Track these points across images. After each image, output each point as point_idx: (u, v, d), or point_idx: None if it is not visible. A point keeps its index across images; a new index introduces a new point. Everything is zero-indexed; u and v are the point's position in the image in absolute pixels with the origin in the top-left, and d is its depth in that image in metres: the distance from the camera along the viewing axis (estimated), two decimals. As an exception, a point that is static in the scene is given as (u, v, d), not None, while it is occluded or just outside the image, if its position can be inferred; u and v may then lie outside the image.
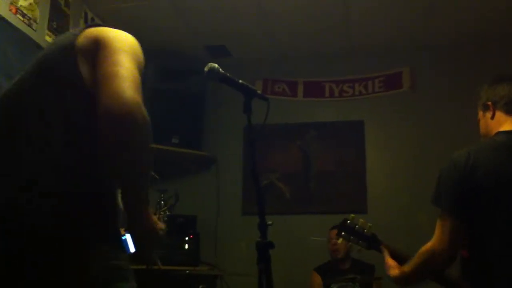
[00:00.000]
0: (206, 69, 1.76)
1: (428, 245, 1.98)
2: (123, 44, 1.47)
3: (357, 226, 2.38)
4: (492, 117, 2.11)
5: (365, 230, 2.37)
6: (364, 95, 5.01)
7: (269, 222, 1.57)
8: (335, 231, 2.65)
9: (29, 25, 3.40)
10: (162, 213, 3.18)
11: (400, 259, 2.18)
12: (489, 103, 2.13)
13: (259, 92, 1.82)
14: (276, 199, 4.96)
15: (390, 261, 2.21)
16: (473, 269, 1.94)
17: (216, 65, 1.76)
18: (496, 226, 1.86)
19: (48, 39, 3.59)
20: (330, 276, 3.95)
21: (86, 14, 4.18)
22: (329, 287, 3.86)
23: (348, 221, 2.41)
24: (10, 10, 3.24)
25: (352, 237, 2.38)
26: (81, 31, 1.53)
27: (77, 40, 1.49)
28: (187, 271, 4.19)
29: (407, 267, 2.09)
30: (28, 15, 3.39)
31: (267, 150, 5.02)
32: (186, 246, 4.38)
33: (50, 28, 3.63)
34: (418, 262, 2.03)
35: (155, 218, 1.47)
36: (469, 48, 4.81)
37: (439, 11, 4.29)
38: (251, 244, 1.59)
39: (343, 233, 2.40)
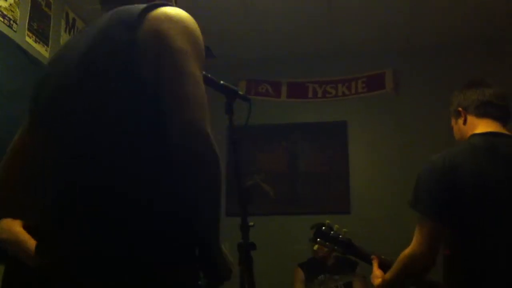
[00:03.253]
0: None
1: (407, 250, 1.96)
2: (188, 40, 1.28)
3: (332, 232, 2.38)
4: (465, 123, 2.12)
5: (341, 236, 2.37)
6: (347, 96, 5.03)
7: (251, 223, 1.57)
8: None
9: (9, 26, 3.36)
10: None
11: (388, 269, 2.14)
12: (460, 109, 2.14)
13: (241, 93, 1.81)
14: (260, 200, 4.96)
15: (377, 272, 2.21)
16: (456, 268, 1.94)
17: None
18: (477, 226, 1.86)
19: (29, 40, 3.56)
20: (313, 273, 3.95)
21: (67, 14, 4.15)
22: (312, 284, 3.87)
23: (323, 227, 2.41)
24: (-10, 10, 3.20)
25: (327, 242, 2.38)
26: (141, 17, 1.28)
27: (139, 34, 1.25)
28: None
29: (388, 274, 2.08)
30: (8, 16, 3.35)
31: (251, 151, 5.02)
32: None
33: (30, 29, 3.59)
34: (398, 268, 2.01)
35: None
36: (451, 51, 4.85)
37: (422, 14, 4.32)
38: (234, 245, 1.58)
39: (318, 239, 2.40)
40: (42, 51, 3.71)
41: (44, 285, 1.18)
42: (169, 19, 1.28)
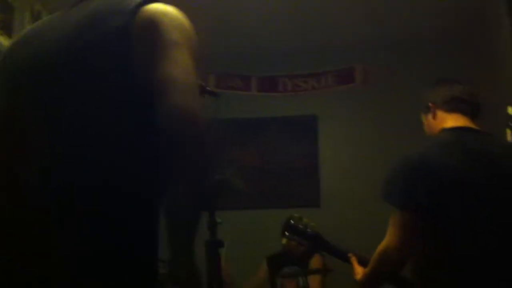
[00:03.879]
0: None
1: (382, 244, 1.97)
2: (181, 34, 1.30)
3: (300, 226, 2.37)
4: (434, 117, 2.16)
5: (309, 230, 2.36)
6: (317, 90, 5.04)
7: (219, 220, 1.55)
8: None
9: (-29, 18, 3.27)
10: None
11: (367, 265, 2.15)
12: (430, 104, 2.19)
13: (208, 88, 1.79)
14: (231, 195, 4.94)
15: (358, 269, 2.21)
16: (425, 261, 1.95)
17: None
18: (448, 219, 1.88)
19: (-8, 32, 3.46)
20: (279, 266, 3.93)
21: (33, 6, 4.05)
22: (277, 275, 3.86)
23: (292, 221, 2.41)
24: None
25: (296, 236, 2.38)
26: (137, 8, 1.27)
27: (134, 21, 1.24)
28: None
29: (366, 270, 2.09)
30: (-30, 7, 3.25)
31: (222, 145, 5.00)
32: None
33: (-7, 21, 3.50)
34: (374, 262, 2.02)
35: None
36: (420, 45, 4.89)
37: (389, 8, 4.34)
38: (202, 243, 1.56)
39: (286, 233, 2.39)
40: (5, 43, 3.62)
41: (44, 285, 1.15)
42: (165, 13, 1.30)
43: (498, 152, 2.00)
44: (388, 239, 1.95)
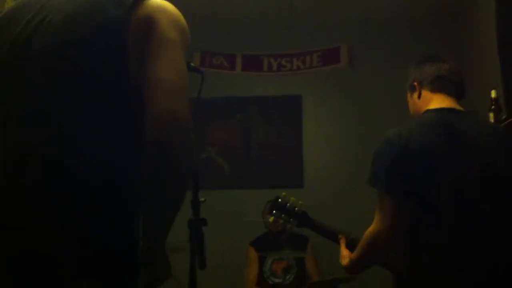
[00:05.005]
0: None
1: (370, 228, 1.95)
2: (176, 32, 1.29)
3: (288, 204, 2.37)
4: (419, 97, 2.12)
5: (296, 208, 2.37)
6: (302, 70, 5.02)
7: (202, 199, 1.53)
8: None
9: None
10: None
11: (355, 246, 2.13)
12: (415, 83, 2.14)
13: (192, 64, 1.75)
14: (214, 174, 4.93)
15: (344, 252, 2.21)
16: (418, 244, 1.93)
17: None
18: (433, 202, 1.87)
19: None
20: (265, 249, 3.97)
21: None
22: (265, 260, 3.89)
23: (280, 199, 2.40)
24: None
25: (283, 215, 2.38)
26: (137, 2, 1.27)
27: (132, 16, 1.24)
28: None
29: (354, 254, 2.08)
30: None
31: (206, 124, 4.97)
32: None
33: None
34: (362, 247, 2.00)
35: None
36: (406, 25, 4.89)
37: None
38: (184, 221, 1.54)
39: (274, 211, 2.39)
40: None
41: (45, 285, 1.13)
42: (163, 9, 1.31)
43: (482, 133, 1.98)
44: (375, 223, 1.93)
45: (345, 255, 2.18)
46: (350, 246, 2.20)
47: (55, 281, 1.12)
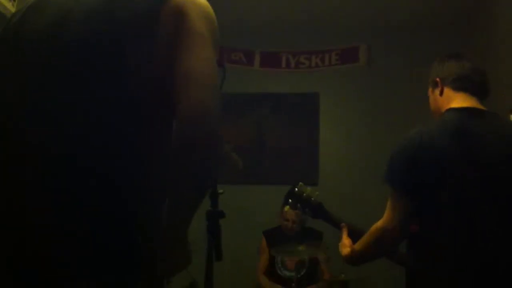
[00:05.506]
0: None
1: (379, 223, 1.97)
2: (206, 26, 1.28)
3: (304, 194, 2.38)
4: (441, 94, 2.10)
5: (312, 199, 2.37)
6: (320, 68, 5.02)
7: (220, 191, 1.55)
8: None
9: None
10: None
11: (358, 238, 2.14)
12: (438, 79, 2.12)
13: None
14: (229, 169, 4.95)
15: (346, 241, 2.21)
16: (421, 244, 1.94)
17: None
18: (433, 203, 1.87)
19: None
20: (277, 241, 3.93)
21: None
22: (276, 251, 3.88)
23: (296, 189, 2.41)
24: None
25: (299, 204, 2.38)
26: None
27: (162, 9, 1.24)
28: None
29: (357, 246, 2.09)
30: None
31: (223, 120, 4.98)
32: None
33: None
34: (368, 241, 2.02)
35: None
36: (425, 26, 4.85)
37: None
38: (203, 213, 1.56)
39: (290, 200, 2.40)
40: (10, 7, 3.58)
41: (45, 285, 1.14)
42: (194, 2, 1.29)
43: (496, 134, 1.95)
44: (386, 220, 1.95)
45: (346, 244, 2.19)
46: (352, 235, 2.21)
47: (55, 281, 1.13)
